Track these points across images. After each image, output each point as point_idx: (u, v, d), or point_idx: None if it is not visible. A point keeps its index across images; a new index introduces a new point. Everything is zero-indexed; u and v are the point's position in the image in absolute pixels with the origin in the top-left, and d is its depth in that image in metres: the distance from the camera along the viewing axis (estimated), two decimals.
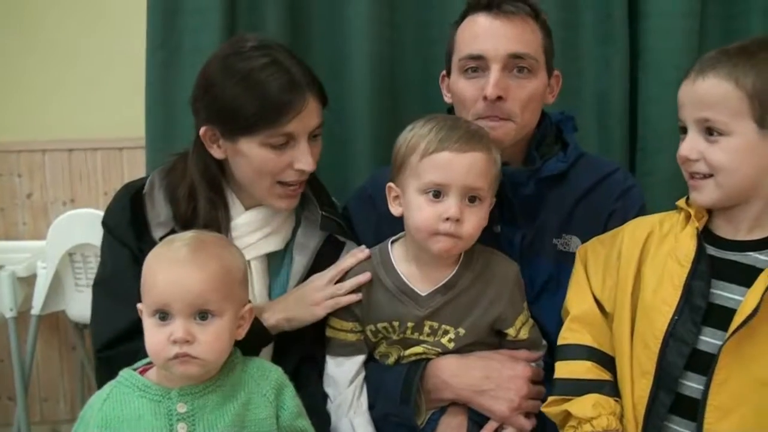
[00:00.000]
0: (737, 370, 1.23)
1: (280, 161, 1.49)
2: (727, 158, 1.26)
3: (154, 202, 1.54)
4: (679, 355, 1.28)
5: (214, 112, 1.49)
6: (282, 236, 1.60)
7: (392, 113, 2.03)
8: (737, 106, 1.24)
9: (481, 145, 1.39)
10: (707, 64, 1.28)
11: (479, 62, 1.53)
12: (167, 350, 1.20)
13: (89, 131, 3.14)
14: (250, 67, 1.46)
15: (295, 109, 1.45)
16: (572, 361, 1.41)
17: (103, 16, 3.07)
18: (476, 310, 1.45)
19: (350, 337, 1.49)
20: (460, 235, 1.38)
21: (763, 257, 1.27)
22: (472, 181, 1.37)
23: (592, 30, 2.06)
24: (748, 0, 2.02)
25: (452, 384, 1.45)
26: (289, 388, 1.33)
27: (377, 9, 2.00)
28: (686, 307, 1.29)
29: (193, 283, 1.21)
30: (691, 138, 1.30)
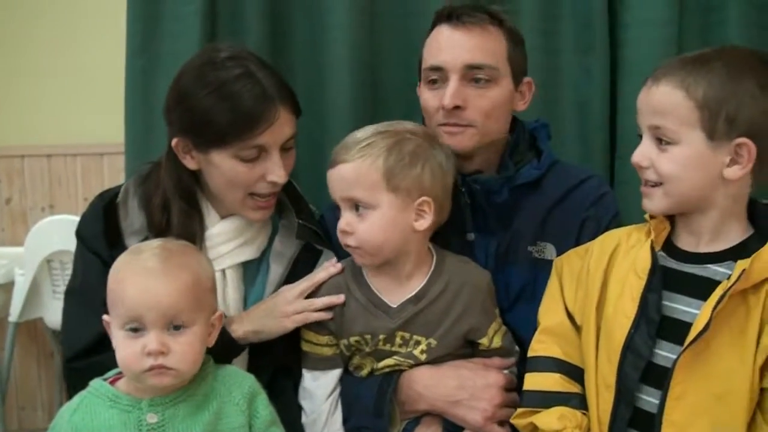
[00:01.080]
0: (693, 384, 1.22)
1: (252, 173, 1.47)
2: (674, 168, 1.25)
3: (128, 211, 1.52)
4: (634, 368, 1.28)
5: (187, 123, 1.48)
6: (257, 245, 1.59)
7: (373, 120, 1.99)
8: (686, 116, 1.23)
9: (351, 153, 1.40)
10: (662, 71, 1.27)
11: (439, 73, 1.56)
12: (141, 362, 1.18)
13: (69, 137, 3.12)
14: (224, 79, 1.45)
15: (266, 122, 1.44)
16: (541, 373, 1.41)
17: (82, 21, 3.06)
18: (447, 320, 1.44)
19: (326, 351, 1.48)
20: (356, 245, 1.41)
21: (722, 269, 1.26)
22: (343, 192, 1.41)
23: (572, 39, 2.06)
24: (725, 9, 2.04)
25: (426, 395, 1.45)
26: (261, 396, 1.32)
27: (358, 16, 2.00)
28: (642, 320, 1.28)
29: (165, 295, 1.20)
30: (643, 145, 1.29)
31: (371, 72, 2.04)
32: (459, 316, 1.45)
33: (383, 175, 1.38)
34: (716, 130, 1.22)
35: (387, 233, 1.40)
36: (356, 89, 2.01)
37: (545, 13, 2.05)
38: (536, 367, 1.42)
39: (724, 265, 1.26)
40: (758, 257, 1.20)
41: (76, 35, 3.08)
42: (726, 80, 1.22)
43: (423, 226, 1.42)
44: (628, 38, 2.03)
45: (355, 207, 1.40)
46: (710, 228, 1.29)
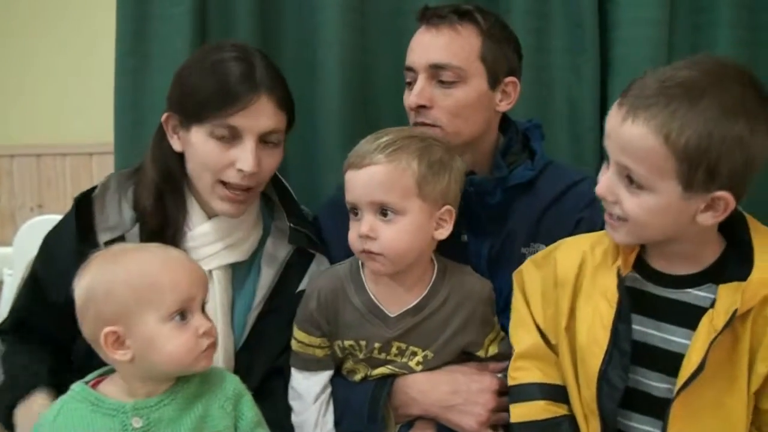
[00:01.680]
0: (690, 421, 1.18)
1: (223, 157, 1.44)
2: (643, 213, 1.15)
3: (104, 205, 1.50)
4: (611, 399, 1.23)
5: (176, 97, 1.49)
6: (247, 247, 1.56)
7: (363, 119, 2.03)
8: (662, 166, 1.10)
9: (382, 156, 1.35)
10: (642, 103, 1.11)
11: (411, 74, 1.58)
12: (199, 345, 1.20)
13: (58, 136, 3.11)
14: (218, 59, 1.46)
15: (241, 102, 1.41)
16: (525, 402, 1.36)
17: (72, 21, 3.05)
18: (446, 333, 1.43)
19: (318, 352, 1.46)
20: (379, 252, 1.35)
21: (703, 293, 1.20)
22: (373, 195, 1.35)
23: (563, 38, 2.06)
24: (715, 10, 2.04)
25: (420, 400, 1.43)
26: (246, 397, 1.30)
27: (348, 15, 1.99)
28: (615, 350, 1.23)
29: (202, 272, 1.26)
30: (610, 178, 1.18)
31: (361, 71, 2.03)
32: (458, 330, 1.43)
33: (416, 182, 1.35)
34: (694, 182, 1.10)
35: (413, 241, 1.37)
36: (346, 88, 2.00)
37: (536, 12, 2.05)
38: (519, 397, 1.37)
39: (705, 288, 1.20)
40: (747, 289, 1.13)
41: (65, 35, 3.07)
42: (715, 127, 1.07)
43: (442, 235, 1.40)
44: (619, 38, 2.03)
45: (381, 212, 1.36)
46: (683, 253, 1.22)
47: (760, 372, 1.16)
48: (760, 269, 1.14)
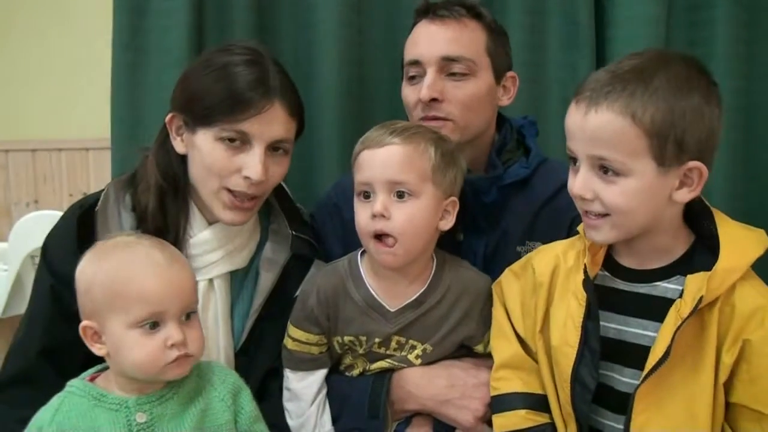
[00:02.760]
0: (655, 413, 1.19)
1: (230, 163, 1.40)
2: (625, 200, 1.16)
3: (106, 218, 1.45)
4: (582, 400, 1.25)
5: (184, 99, 1.44)
6: (246, 253, 1.54)
7: (359, 116, 2.03)
8: (635, 145, 1.12)
9: (399, 139, 1.36)
10: (600, 93, 1.14)
11: (417, 68, 1.56)
12: (166, 356, 1.18)
13: (54, 131, 3.10)
14: (228, 61, 1.42)
15: (255, 108, 1.38)
16: (506, 412, 1.36)
17: (69, 16, 3.04)
18: (445, 327, 1.43)
19: (314, 350, 1.45)
20: (391, 232, 1.34)
21: (672, 286, 1.22)
22: (391, 174, 1.34)
23: (559, 36, 2.07)
24: (712, 7, 2.05)
25: (417, 394, 1.43)
26: (245, 392, 1.31)
27: (345, 13, 1.99)
28: (586, 349, 1.24)
29: (185, 283, 1.21)
30: (584, 175, 1.19)
31: (358, 67, 2.04)
32: (457, 323, 1.44)
33: (433, 166, 1.36)
34: (666, 156, 1.13)
35: (424, 225, 1.37)
36: (343, 84, 2.00)
37: (532, 9, 2.05)
38: (501, 407, 1.37)
39: (674, 280, 1.22)
40: (712, 277, 1.15)
41: (62, 29, 3.06)
42: (672, 100, 1.12)
43: (446, 225, 1.41)
44: (615, 35, 2.03)
45: (396, 193, 1.35)
46: (654, 248, 1.24)
47: (726, 363, 1.16)
48: (725, 259, 1.16)
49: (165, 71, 1.89)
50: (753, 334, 1.14)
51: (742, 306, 1.16)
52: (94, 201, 1.48)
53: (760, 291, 1.18)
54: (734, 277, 1.16)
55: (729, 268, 1.16)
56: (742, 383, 1.17)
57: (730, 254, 1.17)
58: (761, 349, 1.14)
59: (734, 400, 1.19)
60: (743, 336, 1.15)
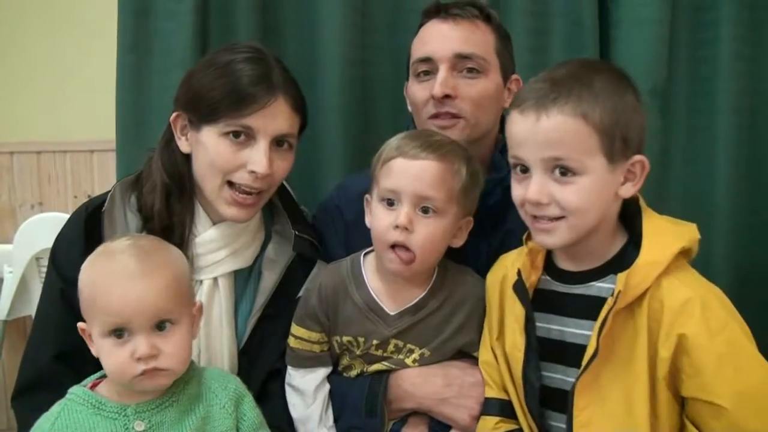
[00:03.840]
0: (596, 409, 1.22)
1: (235, 158, 1.42)
2: (581, 199, 1.19)
3: (113, 219, 1.46)
4: (532, 399, 1.28)
5: (188, 98, 1.46)
6: (251, 253, 1.54)
7: (363, 117, 2.03)
8: (588, 144, 1.17)
9: (436, 154, 1.36)
10: (546, 100, 1.18)
11: (429, 65, 1.56)
12: (132, 368, 1.16)
13: (59, 133, 3.09)
14: (232, 59, 1.44)
15: (259, 103, 1.40)
16: (486, 416, 1.40)
17: (73, 17, 3.03)
18: (444, 333, 1.44)
19: (316, 348, 1.47)
20: (411, 246, 1.35)
21: (606, 285, 1.25)
22: (421, 189, 1.34)
23: (563, 38, 2.06)
24: (716, 9, 2.04)
25: (414, 393, 1.44)
26: (248, 398, 1.30)
27: (349, 14, 1.99)
28: (530, 350, 1.29)
29: (151, 296, 1.17)
30: (539, 180, 1.21)
31: (362, 68, 2.04)
32: (457, 330, 1.44)
33: (462, 187, 1.37)
34: (614, 152, 1.18)
35: (441, 243, 1.39)
36: (346, 86, 2.00)
37: (536, 12, 2.05)
38: (485, 410, 1.42)
39: (608, 279, 1.25)
40: (633, 273, 1.18)
41: (67, 31, 3.05)
42: (614, 99, 1.18)
43: (457, 243, 1.43)
44: (619, 36, 2.03)
45: (422, 208, 1.35)
46: (590, 250, 1.27)
47: (663, 356, 1.18)
48: (646, 253, 1.20)
49: (169, 73, 1.89)
50: (686, 327, 1.17)
51: (671, 300, 1.18)
52: (101, 203, 1.48)
53: (688, 283, 1.20)
54: (656, 270, 1.18)
55: (650, 261, 1.19)
56: (689, 376, 1.18)
57: (650, 248, 1.20)
58: (697, 341, 1.16)
59: (686, 393, 1.20)
60: (676, 330, 1.17)
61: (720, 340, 1.16)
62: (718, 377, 1.16)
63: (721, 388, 1.16)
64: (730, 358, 1.16)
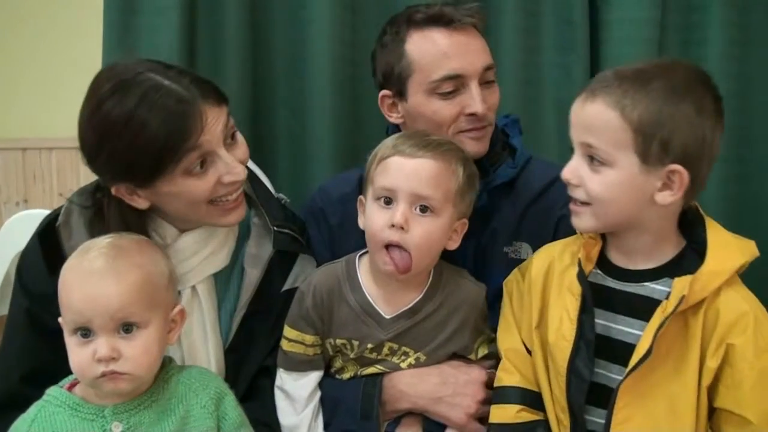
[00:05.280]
0: (637, 409, 1.22)
1: (208, 183, 1.35)
2: (604, 190, 1.21)
3: (71, 232, 1.39)
4: (580, 391, 1.27)
5: (118, 171, 1.34)
6: (225, 253, 1.50)
7: (351, 115, 2.03)
8: (620, 137, 1.18)
9: (434, 153, 1.35)
10: (599, 86, 1.21)
11: (456, 81, 1.51)
12: (93, 369, 1.14)
13: (44, 130, 3.08)
14: (128, 111, 1.28)
15: (196, 131, 1.30)
16: (503, 405, 1.38)
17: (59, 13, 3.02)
18: (440, 337, 1.43)
19: (309, 351, 1.44)
20: (406, 246, 1.33)
21: (660, 287, 1.25)
22: (418, 187, 1.33)
23: (553, 37, 2.07)
24: (706, 10, 2.05)
25: (408, 393, 1.43)
26: (229, 397, 1.28)
27: (338, 11, 1.99)
28: (581, 341, 1.27)
29: (112, 297, 1.15)
30: (575, 161, 1.25)
31: (351, 66, 2.03)
32: (452, 334, 1.43)
33: (458, 187, 1.36)
34: (650, 154, 1.18)
35: (437, 243, 1.37)
36: (336, 84, 2.00)
37: (526, 11, 2.05)
38: (499, 399, 1.40)
39: (662, 282, 1.25)
40: (697, 279, 1.18)
41: (52, 27, 3.04)
42: (663, 103, 1.17)
43: (451, 246, 1.41)
44: (610, 37, 2.03)
45: (419, 207, 1.34)
46: (643, 248, 1.27)
47: (710, 366, 1.19)
48: (710, 262, 1.20)
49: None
50: (737, 338, 1.18)
51: (727, 311, 1.19)
52: (54, 217, 1.44)
53: (745, 297, 1.22)
54: (719, 280, 1.19)
55: (714, 271, 1.19)
56: (726, 388, 1.19)
57: (715, 258, 1.21)
58: (744, 354, 1.17)
59: (718, 404, 1.21)
60: (727, 341, 1.18)
61: (766, 358, 1.17)
62: (754, 393, 1.17)
63: (754, 403, 1.17)
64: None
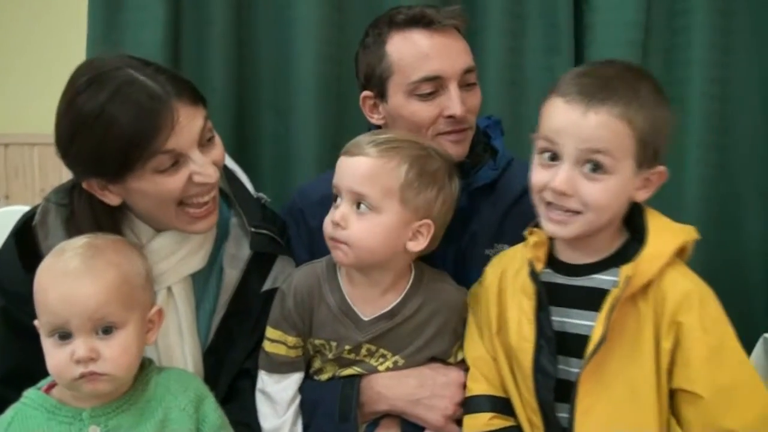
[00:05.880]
0: (598, 397, 1.25)
1: (177, 182, 1.33)
2: (605, 197, 1.22)
3: (48, 231, 1.38)
4: (547, 389, 1.29)
5: (88, 165, 1.33)
6: (203, 253, 1.48)
7: (337, 116, 2.03)
8: (626, 146, 1.21)
9: (375, 151, 1.34)
10: (596, 97, 1.20)
11: (435, 83, 1.51)
12: (71, 370, 1.13)
13: (26, 126, 3.06)
14: (95, 107, 1.27)
15: (166, 128, 1.28)
16: (474, 414, 1.40)
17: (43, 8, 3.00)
18: (418, 341, 1.43)
19: (291, 353, 1.43)
20: (344, 241, 1.34)
21: (608, 277, 1.28)
22: (353, 184, 1.34)
23: (538, 39, 2.08)
24: (690, 14, 2.06)
25: (386, 395, 1.43)
26: (209, 399, 1.28)
27: (325, 11, 1.98)
28: (542, 339, 1.29)
29: (89, 298, 1.14)
30: (569, 171, 1.22)
31: (337, 66, 2.02)
32: (431, 338, 1.43)
33: (401, 186, 1.34)
34: (645, 160, 1.23)
35: (380, 242, 1.35)
36: (321, 83, 1.99)
37: (511, 13, 2.05)
38: (469, 408, 1.41)
39: (609, 272, 1.28)
40: (640, 263, 1.23)
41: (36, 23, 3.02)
42: (656, 110, 1.23)
43: (415, 248, 1.38)
44: (594, 40, 2.04)
45: (356, 203, 1.35)
46: (597, 244, 1.30)
47: (665, 348, 1.23)
48: (651, 245, 1.25)
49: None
50: (684, 316, 1.22)
51: (673, 292, 1.23)
52: (31, 216, 1.43)
53: (689, 277, 1.27)
54: (661, 261, 1.24)
55: (654, 253, 1.24)
56: (678, 367, 1.23)
57: (655, 241, 1.26)
58: (692, 332, 1.22)
59: (674, 385, 1.25)
60: (676, 320, 1.23)
61: (712, 335, 1.22)
62: (704, 368, 1.21)
63: (704, 379, 1.21)
64: (718, 353, 1.22)
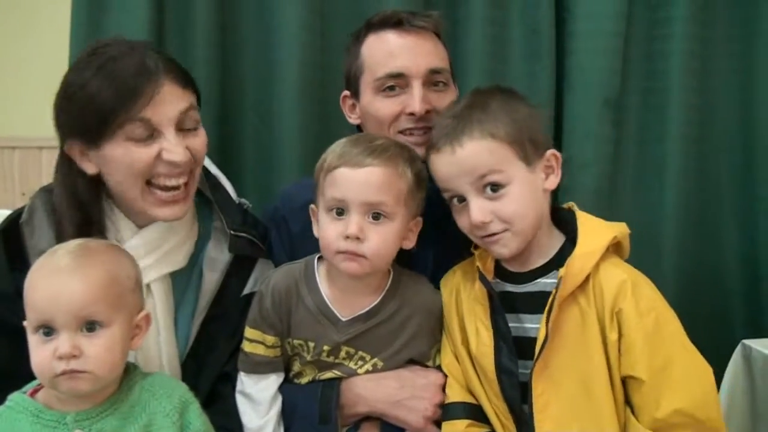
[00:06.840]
0: (553, 394, 1.31)
1: (147, 154, 1.35)
2: (517, 206, 1.32)
3: (33, 230, 1.40)
4: (512, 388, 1.34)
5: (72, 118, 1.37)
6: (184, 253, 1.48)
7: (321, 120, 2.03)
8: (504, 155, 1.31)
9: (380, 160, 1.35)
10: (453, 134, 1.33)
11: (398, 80, 1.55)
12: (53, 367, 1.13)
13: (7, 129, 3.04)
14: (100, 62, 1.35)
15: (146, 95, 1.33)
16: (452, 421, 1.43)
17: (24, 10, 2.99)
18: (397, 343, 1.44)
19: (269, 353, 1.44)
20: (363, 254, 1.34)
21: (549, 280, 1.36)
22: (369, 196, 1.34)
23: (520, 46, 2.09)
24: (670, 23, 2.08)
25: (366, 397, 1.43)
26: (194, 406, 1.27)
27: (307, 16, 1.99)
28: (500, 341, 1.36)
29: (75, 294, 1.14)
30: (476, 202, 1.33)
31: (321, 71, 2.03)
32: (408, 340, 1.45)
33: (408, 188, 1.37)
34: (528, 155, 1.33)
35: (392, 248, 1.38)
36: (305, 87, 2.00)
37: (494, 20, 2.07)
38: (448, 415, 1.44)
39: (550, 275, 1.36)
40: (571, 263, 1.31)
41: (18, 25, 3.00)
42: (509, 113, 1.34)
43: (408, 245, 1.42)
44: (575, 48, 2.06)
45: (372, 215, 1.35)
46: (534, 249, 1.38)
47: (612, 339, 1.30)
48: (581, 245, 1.34)
49: None
50: (621, 304, 1.29)
51: (608, 283, 1.31)
52: (18, 215, 1.43)
53: (622, 268, 1.35)
54: (593, 259, 1.31)
55: (586, 252, 1.32)
56: (623, 355, 1.30)
57: (586, 240, 1.34)
58: (629, 318, 1.29)
59: (622, 373, 1.31)
60: (615, 309, 1.30)
61: (648, 320, 1.29)
62: (643, 352, 1.28)
63: (642, 363, 1.27)
64: (655, 335, 1.28)
